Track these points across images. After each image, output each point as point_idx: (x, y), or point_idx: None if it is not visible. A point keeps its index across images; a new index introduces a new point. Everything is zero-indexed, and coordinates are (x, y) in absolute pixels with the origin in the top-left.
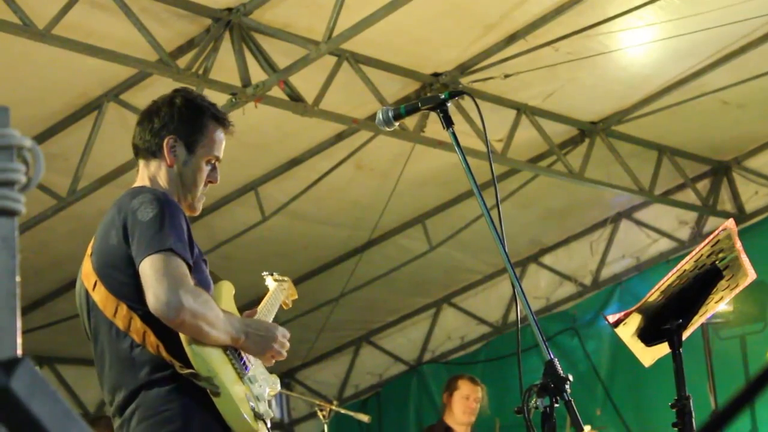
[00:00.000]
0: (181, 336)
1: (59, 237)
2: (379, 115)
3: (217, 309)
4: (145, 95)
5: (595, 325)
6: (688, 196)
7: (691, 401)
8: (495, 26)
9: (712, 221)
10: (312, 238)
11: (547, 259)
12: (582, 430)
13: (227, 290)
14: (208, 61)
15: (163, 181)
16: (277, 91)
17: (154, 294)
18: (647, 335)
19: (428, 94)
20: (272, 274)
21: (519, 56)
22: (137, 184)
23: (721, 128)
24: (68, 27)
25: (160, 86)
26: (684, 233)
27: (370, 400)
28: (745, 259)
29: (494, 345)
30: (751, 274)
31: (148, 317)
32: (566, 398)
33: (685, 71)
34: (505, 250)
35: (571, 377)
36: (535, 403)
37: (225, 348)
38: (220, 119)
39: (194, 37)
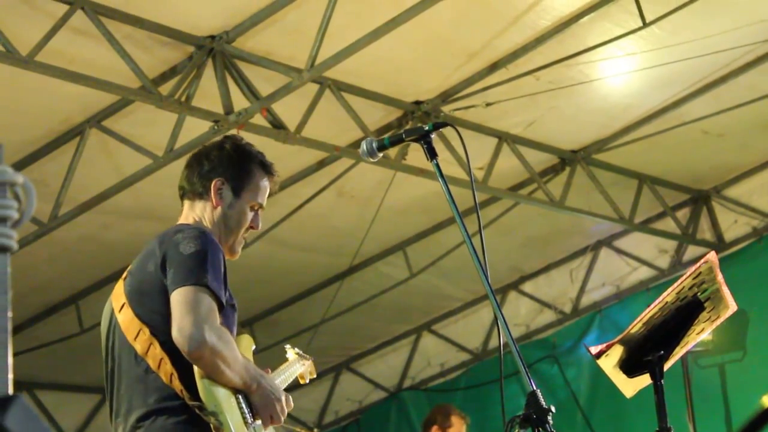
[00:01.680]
0: (195, 369)
1: (40, 262)
2: (363, 146)
3: (236, 351)
4: (128, 122)
5: (575, 353)
6: (668, 224)
7: None
8: (476, 55)
9: (691, 250)
10: (293, 265)
11: (527, 287)
12: None
13: (247, 344)
14: (190, 89)
15: (207, 221)
16: (259, 119)
17: (179, 325)
18: (629, 366)
19: (410, 122)
20: (295, 349)
21: (500, 85)
22: (181, 221)
23: (701, 157)
24: (51, 54)
25: (142, 113)
26: (664, 261)
27: (350, 427)
28: (726, 291)
29: (474, 372)
30: (732, 306)
31: (167, 345)
32: (548, 430)
33: (665, 101)
34: (487, 278)
35: (553, 408)
36: None
37: (236, 392)
38: (267, 167)
39: (177, 65)
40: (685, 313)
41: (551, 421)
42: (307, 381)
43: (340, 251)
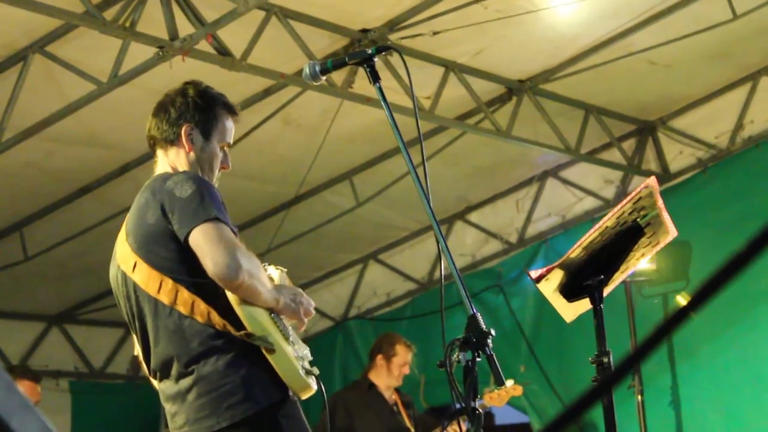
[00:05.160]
0: (231, 298)
1: None
2: (306, 70)
3: (264, 272)
4: (72, 47)
5: (520, 283)
6: (614, 155)
7: (611, 356)
8: None
9: (637, 180)
10: (238, 193)
11: (473, 217)
12: (503, 384)
13: None
14: (135, 14)
15: (183, 167)
16: (204, 45)
17: (212, 259)
18: (569, 291)
19: (356, 50)
20: (278, 267)
21: (448, 13)
22: (159, 172)
23: (648, 88)
24: None
25: (86, 38)
26: (609, 192)
27: None
28: (666, 216)
29: (420, 301)
30: (672, 232)
31: (194, 287)
32: (488, 352)
33: (613, 31)
34: (430, 207)
35: (493, 332)
36: (458, 357)
37: (269, 311)
38: (230, 108)
39: None
40: (625, 238)
41: (491, 344)
42: None
43: (286, 180)
